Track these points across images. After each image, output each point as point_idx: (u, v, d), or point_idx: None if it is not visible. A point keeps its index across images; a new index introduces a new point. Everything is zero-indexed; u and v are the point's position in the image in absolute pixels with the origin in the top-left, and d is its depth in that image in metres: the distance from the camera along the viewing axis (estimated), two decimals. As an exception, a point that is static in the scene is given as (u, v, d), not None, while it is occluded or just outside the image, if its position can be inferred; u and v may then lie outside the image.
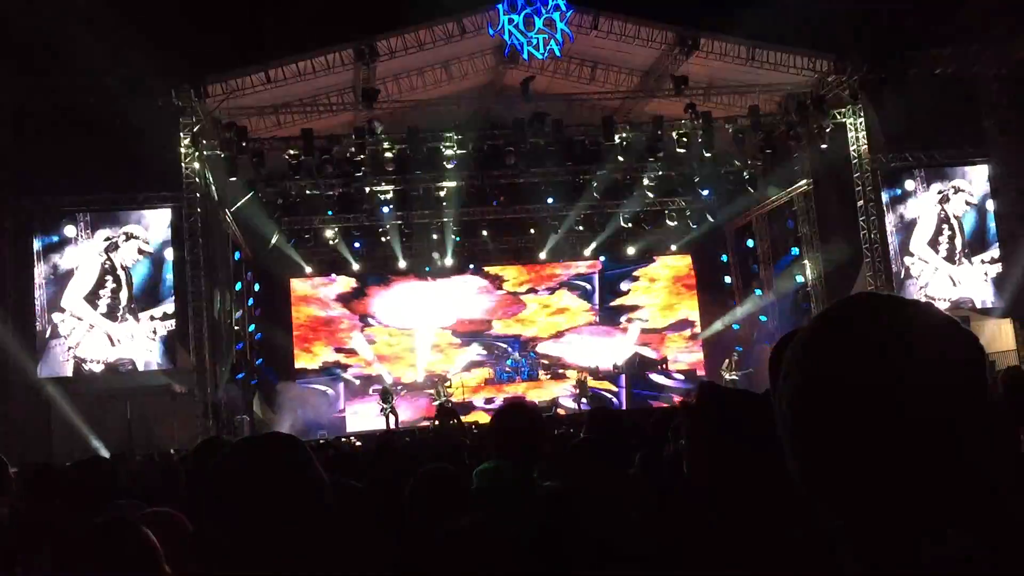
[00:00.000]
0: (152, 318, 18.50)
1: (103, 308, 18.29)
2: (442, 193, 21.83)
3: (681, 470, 2.92)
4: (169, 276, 18.60)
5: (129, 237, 18.62)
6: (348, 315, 24.78)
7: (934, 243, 20.64)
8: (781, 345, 1.08)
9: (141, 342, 18.40)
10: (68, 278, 18.27)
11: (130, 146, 17.50)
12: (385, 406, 20.83)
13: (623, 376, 25.03)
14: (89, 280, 18.32)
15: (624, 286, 26.24)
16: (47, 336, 18.03)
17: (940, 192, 20.80)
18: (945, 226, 20.72)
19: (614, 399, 24.36)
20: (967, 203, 20.91)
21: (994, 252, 20.71)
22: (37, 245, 18.28)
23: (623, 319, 25.98)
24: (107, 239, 18.51)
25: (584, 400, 22.48)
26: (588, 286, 26.12)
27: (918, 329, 1.01)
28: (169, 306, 18.54)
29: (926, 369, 0.97)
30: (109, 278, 18.40)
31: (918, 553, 0.96)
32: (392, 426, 20.36)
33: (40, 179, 18.05)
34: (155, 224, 18.76)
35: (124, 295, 18.40)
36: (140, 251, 18.64)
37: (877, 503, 0.98)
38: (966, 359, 1.01)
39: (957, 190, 20.89)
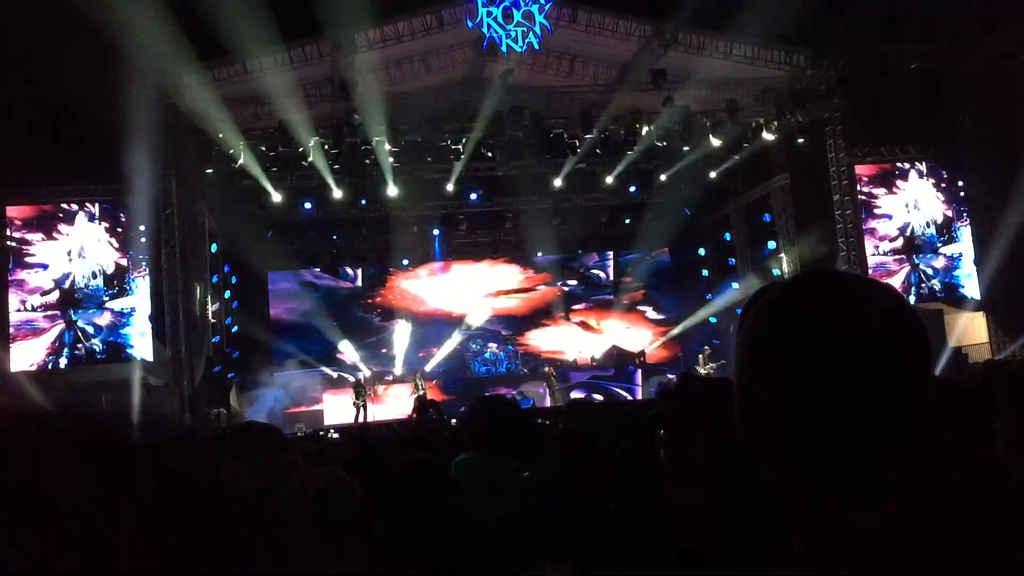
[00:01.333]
0: (123, 311, 18.36)
1: (69, 302, 18.12)
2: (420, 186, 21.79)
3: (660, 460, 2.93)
4: (139, 269, 18.44)
5: (103, 229, 18.46)
6: (325, 307, 24.68)
7: (900, 237, 20.85)
8: (751, 302, 1.11)
9: (108, 335, 18.24)
10: (35, 269, 18.09)
11: (104, 137, 17.32)
12: (357, 401, 20.80)
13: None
14: (55, 272, 18.15)
15: (603, 278, 26.38)
16: (16, 329, 17.88)
17: (909, 186, 21.01)
18: (912, 219, 20.93)
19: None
20: (936, 197, 21.13)
21: (964, 246, 20.94)
22: (9, 235, 18.07)
23: (602, 310, 26.11)
24: (74, 231, 18.31)
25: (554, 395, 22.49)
26: (570, 280, 26.26)
27: (865, 306, 1.03)
28: (140, 299, 18.39)
29: (867, 345, 1.00)
30: (74, 271, 18.20)
31: (850, 522, 0.99)
32: (364, 419, 20.29)
33: (9, 170, 17.80)
34: (127, 216, 18.56)
35: (91, 288, 18.21)
36: (110, 244, 18.48)
37: (810, 471, 1.00)
38: (909, 341, 1.03)
39: (928, 185, 21.11)
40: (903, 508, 0.99)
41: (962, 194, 21.04)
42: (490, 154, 20.65)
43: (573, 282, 26.24)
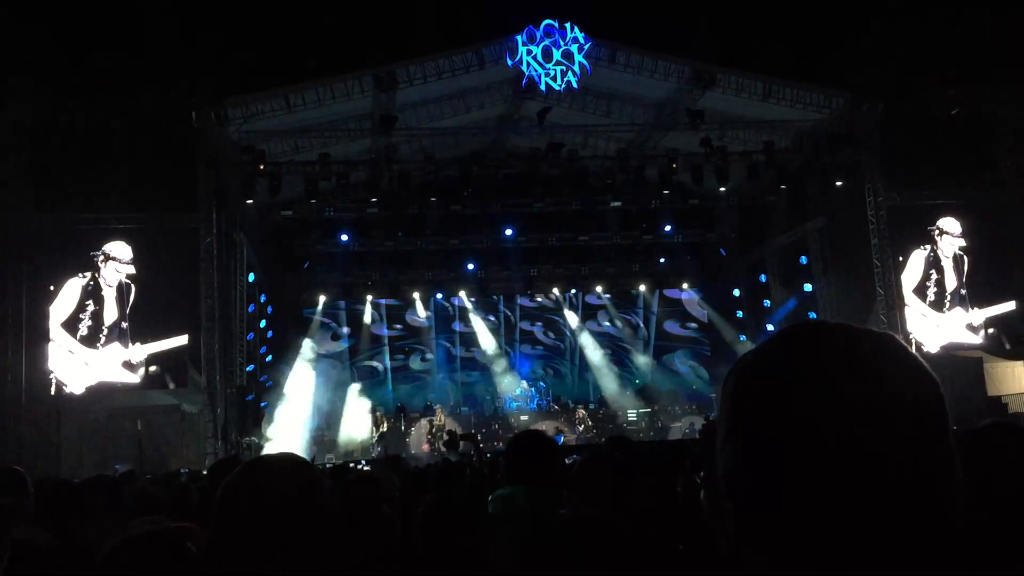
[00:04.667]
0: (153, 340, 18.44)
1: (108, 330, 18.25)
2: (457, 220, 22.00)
3: (696, 499, 2.91)
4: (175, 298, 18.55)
5: (131, 259, 18.45)
6: (360, 336, 24.89)
7: (921, 289, 20.46)
8: (732, 368, 1.02)
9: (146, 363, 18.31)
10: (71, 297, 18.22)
11: (147, 167, 17.66)
12: (376, 435, 20.91)
13: None
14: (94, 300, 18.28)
15: (638, 320, 26.35)
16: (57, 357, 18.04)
17: (942, 233, 20.62)
18: (935, 271, 20.53)
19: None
20: (970, 246, 20.61)
21: (1005, 295, 20.49)
22: (54, 264, 18.23)
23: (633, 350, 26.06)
24: (108, 260, 18.40)
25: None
26: (607, 320, 26.27)
27: (868, 362, 0.95)
28: (176, 328, 18.48)
29: (870, 406, 0.90)
30: (101, 302, 18.23)
31: None
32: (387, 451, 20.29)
33: (59, 197, 18.08)
34: (165, 245, 18.67)
35: (113, 319, 18.25)
36: (141, 274, 18.48)
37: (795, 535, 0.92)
38: (920, 399, 0.94)
39: (961, 232, 20.63)
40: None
41: (999, 242, 20.60)
42: (526, 190, 20.79)
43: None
